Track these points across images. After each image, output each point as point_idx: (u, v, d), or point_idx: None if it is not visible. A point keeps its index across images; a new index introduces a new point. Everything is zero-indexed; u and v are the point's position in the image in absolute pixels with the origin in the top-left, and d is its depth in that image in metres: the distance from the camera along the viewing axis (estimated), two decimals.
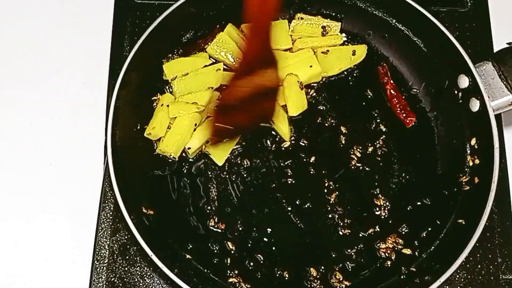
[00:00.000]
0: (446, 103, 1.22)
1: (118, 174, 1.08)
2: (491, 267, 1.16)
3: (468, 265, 1.16)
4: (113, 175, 1.08)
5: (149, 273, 1.13)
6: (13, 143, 1.24)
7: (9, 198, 1.20)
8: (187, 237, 1.14)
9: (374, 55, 1.29)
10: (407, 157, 1.21)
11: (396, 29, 1.27)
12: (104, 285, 1.12)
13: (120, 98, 1.13)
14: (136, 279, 1.13)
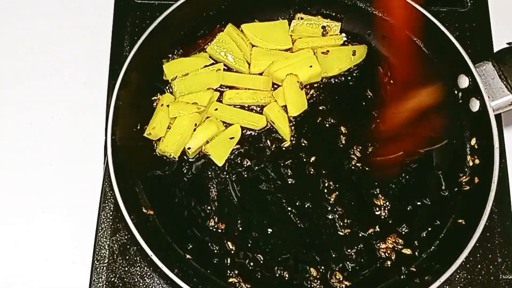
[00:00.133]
0: (446, 103, 1.22)
1: (118, 174, 1.08)
2: (491, 267, 1.16)
3: (468, 265, 1.16)
4: (113, 175, 1.08)
5: (149, 273, 1.13)
6: (13, 143, 1.24)
7: (9, 198, 1.20)
8: (187, 237, 1.14)
9: (374, 55, 1.29)
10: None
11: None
12: (104, 285, 1.12)
13: (120, 98, 1.13)
14: (136, 279, 1.13)
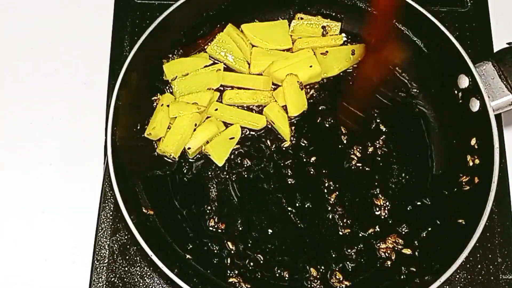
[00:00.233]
0: (446, 103, 1.22)
1: (118, 174, 1.08)
2: (491, 267, 1.16)
3: (468, 265, 1.16)
4: (113, 175, 1.08)
5: (149, 273, 1.13)
6: (13, 143, 1.24)
7: (9, 198, 1.20)
8: (187, 237, 1.14)
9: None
10: (407, 157, 1.21)
11: (396, 29, 1.27)
12: (104, 285, 1.12)
13: (120, 98, 1.13)
14: (136, 279, 1.13)
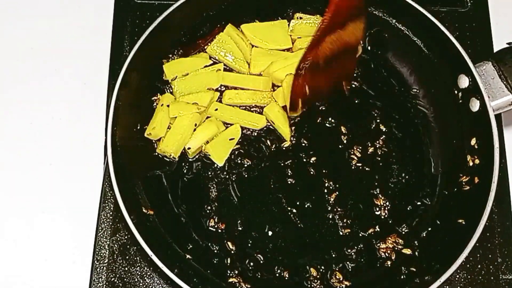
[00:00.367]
0: (446, 103, 1.22)
1: (118, 174, 1.08)
2: (491, 267, 1.16)
3: (468, 265, 1.16)
4: (113, 175, 1.08)
5: (149, 273, 1.13)
6: (13, 143, 1.24)
7: (9, 198, 1.20)
8: (187, 237, 1.14)
9: (374, 55, 1.29)
10: (407, 157, 1.21)
11: (396, 29, 1.27)
12: (104, 285, 1.12)
13: (120, 98, 1.13)
14: (136, 279, 1.13)
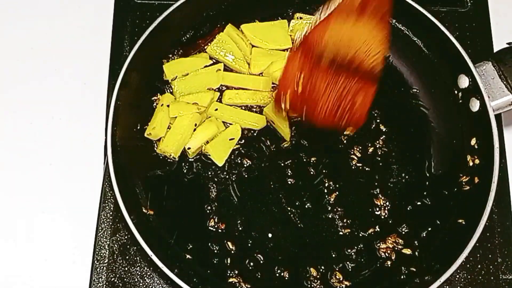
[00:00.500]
0: (446, 103, 1.22)
1: (118, 174, 1.08)
2: (491, 267, 1.16)
3: (468, 265, 1.16)
4: (113, 175, 1.08)
5: (149, 273, 1.13)
6: (13, 143, 1.24)
7: (9, 198, 1.20)
8: (187, 237, 1.14)
9: None
10: (407, 157, 1.21)
11: (396, 29, 1.27)
12: (104, 285, 1.12)
13: (120, 98, 1.13)
14: (136, 279, 1.13)
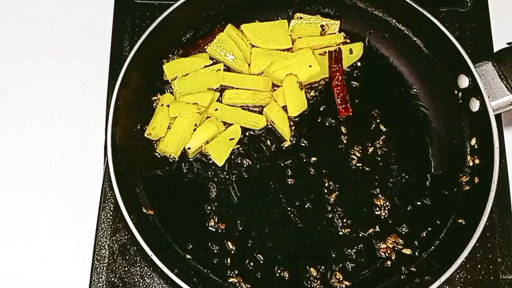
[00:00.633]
0: (446, 103, 1.22)
1: (118, 174, 1.08)
2: (491, 267, 1.16)
3: (468, 265, 1.16)
4: (113, 175, 1.08)
5: (149, 273, 1.13)
6: (13, 143, 1.24)
7: (9, 198, 1.20)
8: (187, 237, 1.14)
9: (374, 55, 1.29)
10: (407, 157, 1.21)
11: (396, 29, 1.27)
12: (104, 285, 1.12)
13: (120, 98, 1.13)
14: (136, 279, 1.13)
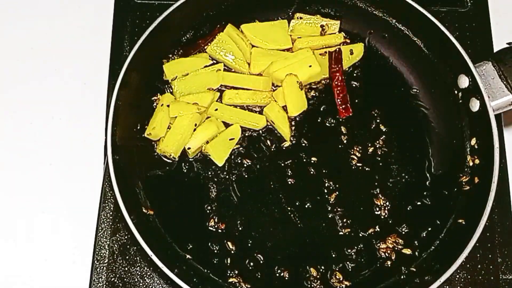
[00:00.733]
0: (446, 103, 1.22)
1: (118, 174, 1.08)
2: (491, 267, 1.16)
3: (468, 265, 1.16)
4: (113, 175, 1.08)
5: (149, 273, 1.13)
6: (13, 143, 1.24)
7: (9, 198, 1.20)
8: (187, 237, 1.14)
9: (374, 55, 1.29)
10: (407, 157, 1.21)
11: (396, 29, 1.27)
12: (104, 285, 1.12)
13: (120, 98, 1.13)
14: (136, 279, 1.13)
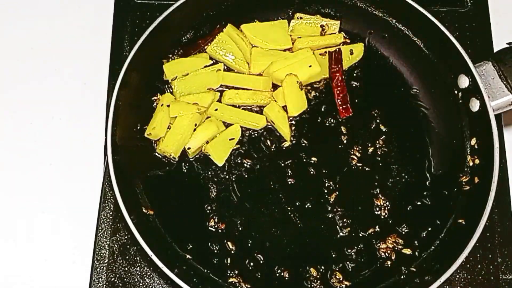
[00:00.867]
0: (446, 103, 1.22)
1: (118, 174, 1.08)
2: (491, 267, 1.16)
3: (468, 265, 1.16)
4: (113, 175, 1.08)
5: (149, 273, 1.13)
6: (13, 143, 1.24)
7: (9, 198, 1.20)
8: (187, 237, 1.14)
9: (374, 55, 1.29)
10: (407, 157, 1.21)
11: (396, 29, 1.27)
12: (104, 285, 1.12)
13: (120, 98, 1.13)
14: (136, 279, 1.13)
